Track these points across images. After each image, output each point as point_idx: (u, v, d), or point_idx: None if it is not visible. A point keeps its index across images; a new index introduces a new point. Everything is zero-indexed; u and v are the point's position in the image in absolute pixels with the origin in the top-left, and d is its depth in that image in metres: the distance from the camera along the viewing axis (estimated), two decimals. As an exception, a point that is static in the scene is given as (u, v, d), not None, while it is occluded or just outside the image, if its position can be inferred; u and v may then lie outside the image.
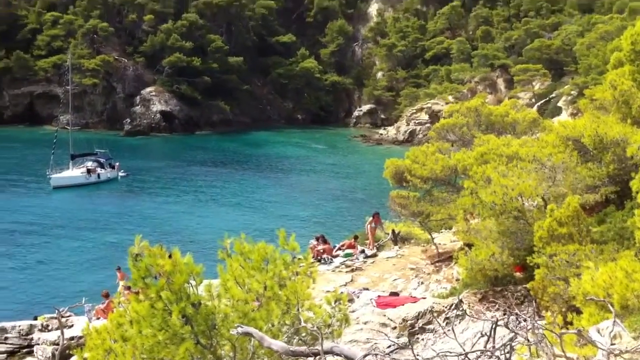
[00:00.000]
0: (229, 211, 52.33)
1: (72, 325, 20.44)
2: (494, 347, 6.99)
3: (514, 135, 22.49)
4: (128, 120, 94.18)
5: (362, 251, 23.81)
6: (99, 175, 62.75)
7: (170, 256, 9.27)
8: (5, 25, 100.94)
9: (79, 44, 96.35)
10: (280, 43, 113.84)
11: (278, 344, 8.42)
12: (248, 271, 10.33)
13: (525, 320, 7.07)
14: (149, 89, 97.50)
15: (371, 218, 25.27)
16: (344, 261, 22.99)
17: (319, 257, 22.96)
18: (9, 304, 30.50)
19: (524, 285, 14.41)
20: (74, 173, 62.21)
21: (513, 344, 6.83)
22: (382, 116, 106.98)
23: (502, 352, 6.78)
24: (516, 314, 7.54)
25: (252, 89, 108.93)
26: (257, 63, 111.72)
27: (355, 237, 25.01)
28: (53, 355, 19.27)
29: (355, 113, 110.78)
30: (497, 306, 13.40)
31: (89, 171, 62.50)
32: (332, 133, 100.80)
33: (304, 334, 9.75)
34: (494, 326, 7.25)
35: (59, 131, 67.45)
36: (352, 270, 21.98)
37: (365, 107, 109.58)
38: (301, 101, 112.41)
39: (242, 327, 8.58)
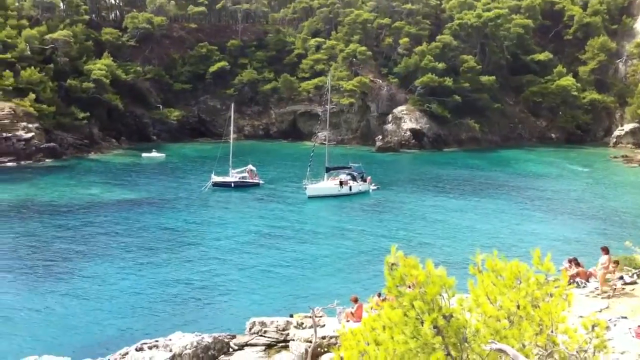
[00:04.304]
0: (477, 227, 51.61)
1: (324, 325, 21.44)
2: None
3: None
4: (380, 137, 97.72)
5: (621, 277, 22.02)
6: (350, 187, 65.83)
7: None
8: (275, 51, 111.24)
9: (338, 67, 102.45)
10: (535, 61, 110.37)
11: (532, 364, 8.24)
12: (500, 288, 10.23)
13: None
14: (400, 108, 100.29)
15: (605, 256, 21.66)
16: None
17: (571, 281, 21.74)
18: (269, 302, 33.30)
19: None
20: (328, 184, 65.98)
21: None
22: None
23: None
24: None
25: (503, 108, 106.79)
26: (510, 82, 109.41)
27: (616, 262, 23.23)
28: (306, 351, 20.45)
29: (616, 132, 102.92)
30: None
31: (341, 183, 65.88)
32: (589, 153, 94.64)
33: (557, 357, 9.40)
34: None
35: (317, 146, 72.14)
36: (609, 297, 20.46)
37: (628, 127, 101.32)
38: (556, 120, 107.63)
39: (495, 343, 8.54)
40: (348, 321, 20.75)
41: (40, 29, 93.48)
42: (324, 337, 20.42)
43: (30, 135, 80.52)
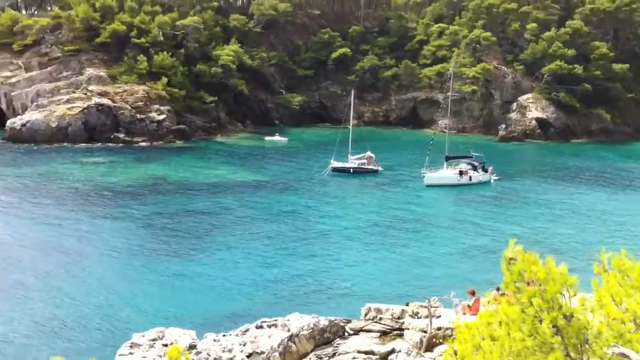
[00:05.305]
0: (605, 223, 49.19)
1: (439, 316, 21.36)
2: None
3: None
4: (503, 125, 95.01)
5: None
6: (470, 177, 64.58)
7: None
8: (397, 37, 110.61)
9: (461, 53, 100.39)
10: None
11: (658, 372, 7.93)
12: (626, 289, 9.87)
13: None
14: (526, 96, 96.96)
15: None
16: None
17: None
18: (385, 289, 33.56)
19: None
20: (447, 173, 65.03)
21: None
22: None
23: None
24: None
25: (638, 98, 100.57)
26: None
27: None
28: (421, 341, 20.51)
29: None
30: None
31: (461, 173, 64.75)
32: None
33: (687, 367, 8.96)
34: None
35: (436, 134, 71.31)
36: None
37: None
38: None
39: (618, 347, 8.28)
40: (464, 314, 20.57)
41: (172, 15, 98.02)
42: (439, 328, 20.39)
43: (162, 117, 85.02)
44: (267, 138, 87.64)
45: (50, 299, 31.77)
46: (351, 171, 67.19)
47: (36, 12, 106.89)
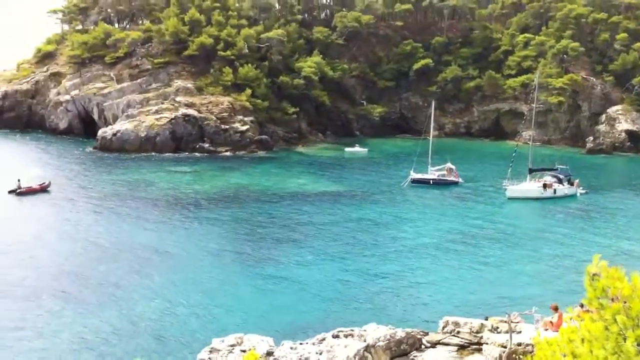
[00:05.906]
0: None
1: (520, 332, 20.92)
2: None
3: None
4: (591, 138, 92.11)
5: None
6: (555, 190, 62.94)
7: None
8: (481, 48, 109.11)
9: (547, 64, 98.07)
10: None
11: None
12: None
13: None
14: (615, 108, 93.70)
15: None
16: None
17: None
18: (464, 301, 33.23)
19: None
20: (530, 186, 63.61)
21: None
22: None
23: None
24: None
25: None
26: None
27: None
28: (500, 357, 20.16)
29: None
30: None
31: (545, 186, 63.19)
32: None
33: None
34: None
35: (519, 146, 69.85)
36: None
37: None
38: None
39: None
40: (546, 330, 20.17)
41: (257, 28, 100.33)
42: (519, 344, 20.04)
43: (245, 127, 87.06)
44: (347, 149, 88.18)
45: (141, 299, 33.23)
46: (431, 182, 66.76)
47: (128, 26, 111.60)
